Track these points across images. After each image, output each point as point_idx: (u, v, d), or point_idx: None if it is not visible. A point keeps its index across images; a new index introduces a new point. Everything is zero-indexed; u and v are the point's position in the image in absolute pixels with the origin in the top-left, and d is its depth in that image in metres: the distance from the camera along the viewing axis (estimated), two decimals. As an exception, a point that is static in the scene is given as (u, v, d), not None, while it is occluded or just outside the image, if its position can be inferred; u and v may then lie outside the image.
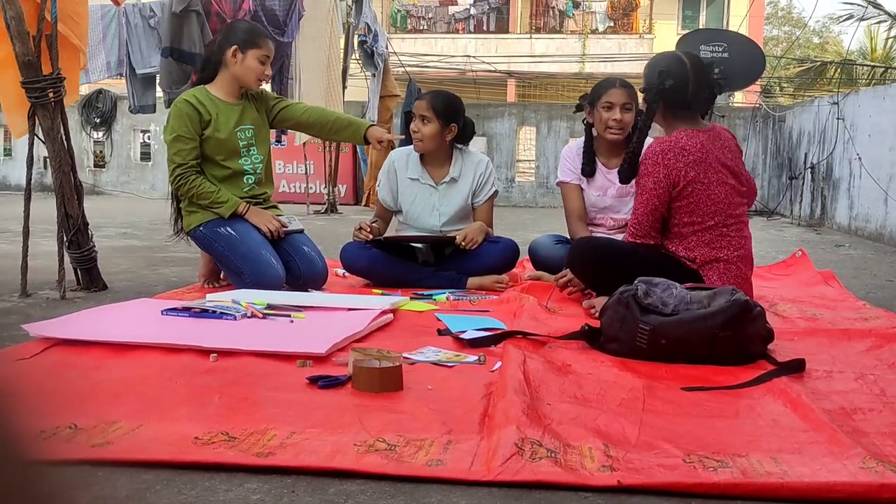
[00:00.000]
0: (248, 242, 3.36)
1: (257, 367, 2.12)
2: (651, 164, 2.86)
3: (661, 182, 2.84)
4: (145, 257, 5.02)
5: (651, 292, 2.39)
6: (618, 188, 3.68)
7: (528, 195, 13.13)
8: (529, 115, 13.33)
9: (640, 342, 2.30)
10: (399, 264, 3.64)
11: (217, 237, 3.40)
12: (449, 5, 19.43)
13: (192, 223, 3.47)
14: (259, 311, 2.74)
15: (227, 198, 3.42)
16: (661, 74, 2.93)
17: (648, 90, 2.93)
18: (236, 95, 3.55)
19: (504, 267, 3.70)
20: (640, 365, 2.24)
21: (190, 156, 3.40)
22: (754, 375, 2.10)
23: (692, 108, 2.95)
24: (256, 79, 3.49)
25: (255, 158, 3.54)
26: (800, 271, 4.31)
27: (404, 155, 3.80)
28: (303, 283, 3.45)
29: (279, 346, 2.27)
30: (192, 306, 2.76)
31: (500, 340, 2.43)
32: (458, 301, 3.29)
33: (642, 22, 18.87)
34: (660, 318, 2.32)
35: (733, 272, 2.87)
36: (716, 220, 2.86)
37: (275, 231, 3.45)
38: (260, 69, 3.47)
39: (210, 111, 3.44)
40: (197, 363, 2.16)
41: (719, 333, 2.26)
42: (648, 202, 2.87)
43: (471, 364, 2.21)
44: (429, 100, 3.66)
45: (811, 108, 10.18)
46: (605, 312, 2.45)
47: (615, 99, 3.55)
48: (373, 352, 2.04)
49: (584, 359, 2.30)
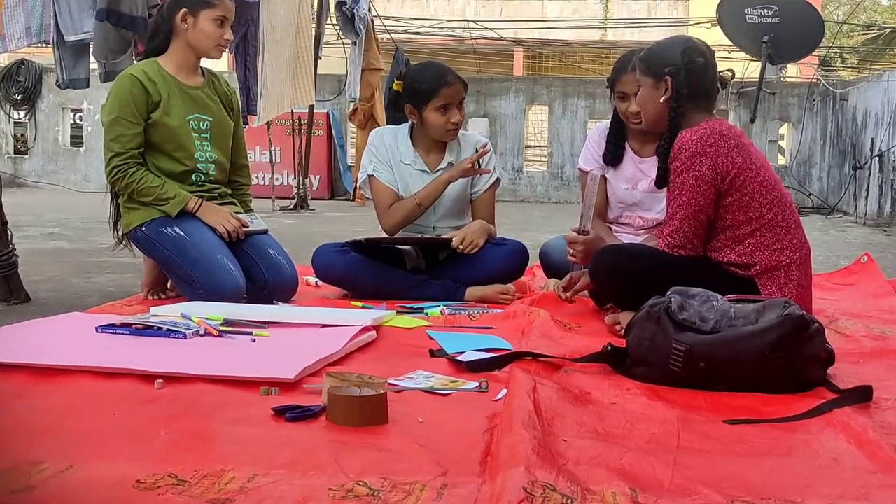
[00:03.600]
0: (200, 245, 3.36)
1: (212, 395, 2.12)
2: (689, 157, 2.85)
3: (706, 176, 2.84)
4: (76, 263, 5.01)
5: (687, 305, 2.40)
6: (651, 181, 3.68)
7: (539, 188, 13.15)
8: (540, 91, 13.36)
9: (673, 365, 2.31)
10: (383, 271, 3.64)
11: (163, 239, 3.40)
12: (444, -41, 19.49)
13: (132, 222, 3.47)
14: (214, 328, 2.73)
15: (175, 192, 3.42)
16: (686, 52, 2.94)
17: (676, 73, 2.93)
18: (194, 70, 3.56)
19: (510, 274, 3.71)
20: (673, 393, 2.24)
21: (131, 143, 3.40)
22: (811, 406, 2.11)
23: (710, 98, 2.98)
24: (215, 45, 3.50)
25: (207, 155, 3.55)
26: (865, 280, 4.32)
27: (393, 134, 3.82)
28: (267, 293, 3.45)
29: (238, 371, 2.27)
30: (133, 322, 2.75)
31: (505, 363, 2.43)
32: (455, 316, 3.29)
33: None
34: (698, 336, 2.32)
35: (795, 279, 2.89)
36: (774, 213, 2.89)
37: (233, 231, 3.45)
38: (217, 33, 3.47)
39: (161, 91, 3.45)
40: (139, 391, 2.15)
41: (769, 355, 2.26)
42: (691, 203, 2.86)
43: (470, 392, 2.21)
44: (463, 84, 3.71)
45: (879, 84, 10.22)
46: (632, 330, 2.46)
47: (628, 88, 3.52)
48: (352, 377, 2.04)
49: (607, 385, 2.30)
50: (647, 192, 3.71)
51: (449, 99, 3.63)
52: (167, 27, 3.50)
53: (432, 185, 3.67)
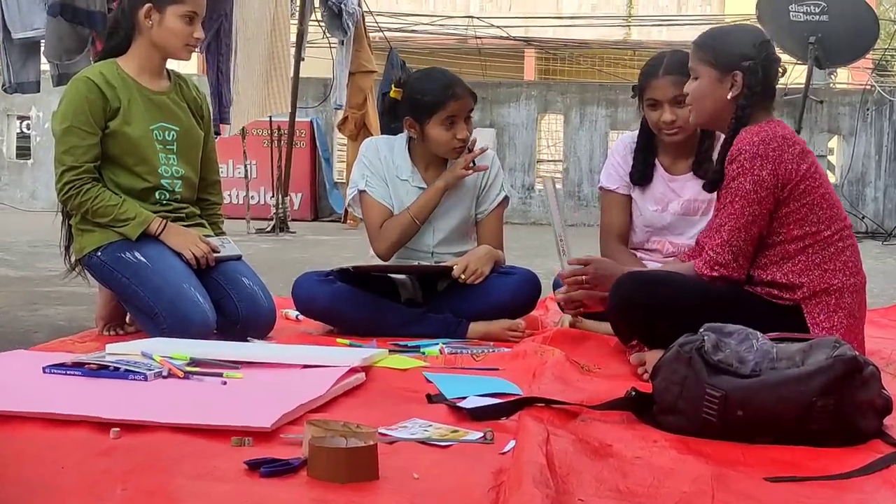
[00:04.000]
0: (164, 273, 3.36)
1: (176, 446, 2.11)
2: (749, 160, 2.87)
3: (766, 182, 2.86)
4: (23, 293, 5.01)
5: (723, 344, 2.39)
6: (683, 202, 3.70)
7: (554, 209, 13.17)
8: (555, 98, 13.43)
9: (707, 414, 2.30)
10: (374, 304, 3.64)
11: (121, 265, 3.40)
12: (445, -53, 19.63)
13: (86, 246, 3.48)
14: (179, 369, 2.73)
15: (135, 213, 3.43)
16: (762, 45, 2.97)
17: (751, 69, 2.95)
18: (159, 73, 3.58)
19: (520, 308, 3.71)
20: (707, 445, 2.23)
21: (86, 156, 3.41)
22: (865, 461, 2.10)
23: (774, 97, 3.02)
24: (184, 45, 3.52)
25: (173, 169, 3.56)
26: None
27: (388, 146, 3.83)
28: (241, 328, 3.45)
29: (206, 418, 2.26)
30: (87, 362, 2.74)
31: (513, 410, 2.42)
32: (456, 355, 3.29)
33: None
34: (735, 380, 2.31)
35: (846, 307, 2.90)
36: (832, 230, 2.92)
37: (202, 257, 3.46)
38: (186, 31, 3.49)
39: (121, 96, 3.46)
40: (93, 440, 2.14)
41: (817, 402, 2.26)
42: (744, 211, 2.88)
43: (473, 443, 2.20)
44: (472, 95, 3.75)
45: (942, 91, 10.25)
46: (660, 373, 2.45)
47: (661, 94, 3.55)
48: (337, 426, 2.03)
49: (631, 437, 2.29)
50: (679, 214, 3.72)
51: (455, 112, 3.64)
52: (128, 24, 3.52)
53: (425, 196, 3.68)
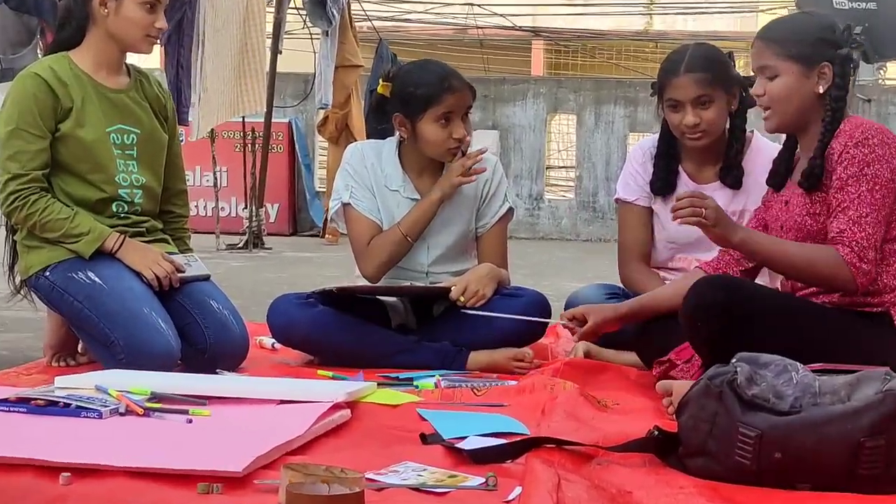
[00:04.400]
0: (121, 295, 3.37)
1: (134, 493, 2.10)
2: (880, 145, 2.93)
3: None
4: (-40, 318, 5.00)
5: (758, 377, 2.39)
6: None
7: (565, 222, 13.21)
8: (566, 96, 13.47)
9: (741, 456, 2.30)
10: (361, 330, 3.65)
11: (72, 287, 3.40)
12: (442, -75, 19.69)
13: (32, 265, 3.48)
14: (138, 405, 2.72)
15: (88, 227, 3.43)
16: (846, 31, 3.02)
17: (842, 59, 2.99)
18: (117, 68, 3.59)
19: (527, 335, 3.72)
20: (740, 492, 2.23)
21: (33, 162, 3.42)
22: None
23: None
24: (144, 35, 3.53)
25: (133, 178, 3.56)
26: None
27: (376, 152, 3.84)
28: (209, 358, 3.45)
29: (170, 461, 2.25)
30: (33, 397, 2.74)
31: (520, 452, 2.42)
32: (455, 389, 3.29)
33: (743, -47, 19.13)
34: (772, 417, 2.31)
35: None
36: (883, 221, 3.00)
37: (164, 277, 3.46)
38: (146, 20, 3.50)
39: (73, 95, 3.47)
40: (40, 487, 2.13)
41: (866, 443, 2.25)
42: (884, 203, 2.94)
43: (474, 489, 2.20)
44: (471, 90, 3.76)
45: None
46: (687, 409, 2.45)
47: (681, 94, 3.57)
48: (318, 470, 2.03)
49: (654, 482, 2.30)
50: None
51: (452, 108, 3.65)
52: (82, 13, 3.53)
53: (419, 209, 3.68)
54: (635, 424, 2.72)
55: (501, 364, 3.59)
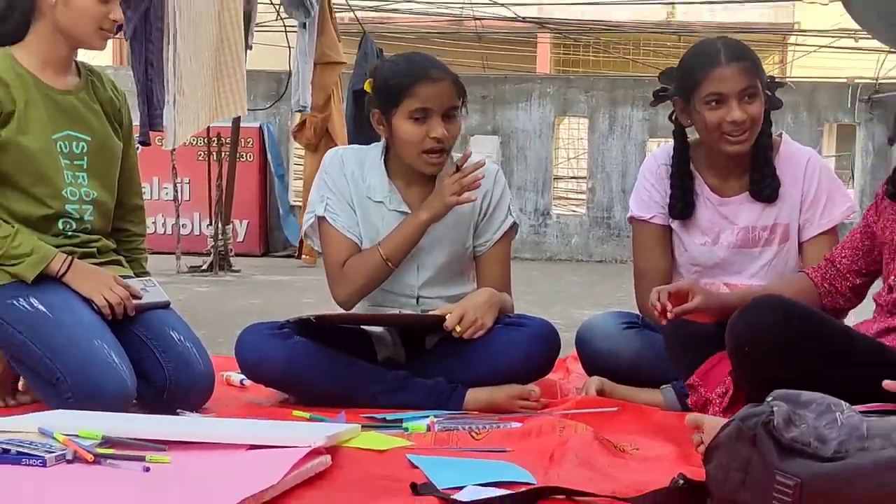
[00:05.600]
0: (68, 326, 3.36)
1: (83, 553, 2.11)
2: None
3: None
4: None
5: (797, 418, 2.39)
6: (740, 231, 3.72)
7: (576, 240, 13.25)
8: (577, 97, 13.52)
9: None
10: (343, 365, 3.64)
11: (12, 316, 3.39)
12: None
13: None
14: (88, 451, 2.70)
15: (32, 246, 3.42)
16: None
17: None
18: (65, 67, 3.59)
19: (533, 370, 3.72)
20: (777, 550, 2.22)
21: None
22: None
23: None
24: (97, 29, 3.53)
25: (82, 191, 3.56)
26: None
27: (357, 159, 3.83)
28: (168, 397, 3.45)
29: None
30: (-33, 441, 2.73)
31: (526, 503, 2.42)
32: (451, 432, 3.28)
33: (777, -65, 19.24)
34: (814, 464, 2.31)
35: None
36: None
37: (118, 304, 3.45)
38: (99, 11, 3.50)
39: (16, 96, 3.46)
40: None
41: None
42: None
43: (472, 548, 2.20)
44: (451, 78, 3.70)
45: None
46: (716, 455, 2.45)
47: (727, 86, 3.54)
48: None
49: (679, 539, 2.29)
50: (735, 247, 3.75)
51: (429, 101, 3.61)
52: (26, 3, 3.53)
53: (403, 230, 3.65)
54: (657, 473, 2.72)
55: (503, 403, 3.58)
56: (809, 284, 3.35)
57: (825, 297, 3.34)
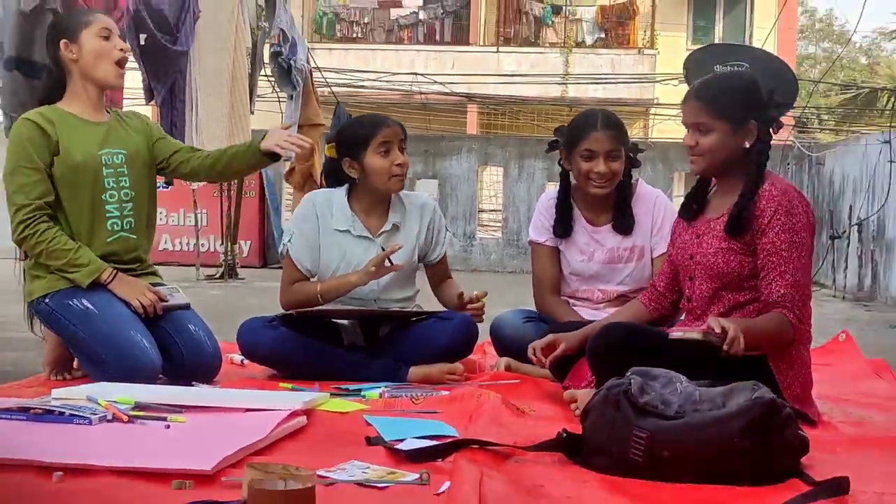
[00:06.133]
0: (111, 320, 3.32)
1: (118, 489, 2.08)
2: (804, 213, 2.96)
3: (812, 239, 2.98)
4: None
5: (648, 387, 2.41)
6: (608, 250, 3.74)
7: (494, 256, 13.26)
8: (495, 151, 13.55)
9: (634, 454, 2.31)
10: (317, 348, 3.61)
11: (68, 313, 3.35)
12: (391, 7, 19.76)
13: (34, 292, 3.43)
14: (123, 413, 2.68)
15: (88, 260, 3.38)
16: (771, 93, 3.05)
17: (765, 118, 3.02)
18: (97, 107, 3.52)
19: (457, 352, 3.70)
20: (635, 485, 2.24)
21: (35, 191, 3.36)
22: (784, 499, 2.11)
23: None
24: (112, 62, 3.45)
25: (123, 195, 3.50)
26: (843, 360, 4.38)
27: (326, 199, 3.80)
28: (186, 373, 3.41)
29: (149, 461, 2.22)
30: (32, 406, 2.70)
31: (449, 452, 2.41)
32: (396, 399, 3.27)
33: (641, 33, 19.38)
34: (660, 422, 2.33)
35: (804, 358, 3.04)
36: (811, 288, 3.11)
37: (149, 305, 3.41)
38: (107, 47, 3.44)
39: (60, 129, 3.40)
40: (35, 485, 2.09)
41: (738, 443, 2.27)
42: (807, 266, 2.96)
43: (409, 484, 2.19)
44: (401, 125, 3.74)
45: (857, 147, 10.51)
46: (589, 415, 2.46)
47: (598, 146, 3.59)
48: (276, 468, 2.01)
49: (562, 477, 2.29)
50: (605, 263, 3.77)
51: (389, 138, 3.64)
52: (57, 68, 3.49)
53: (339, 283, 3.64)
54: (548, 428, 2.71)
55: (436, 377, 3.57)
56: (641, 307, 3.34)
57: (653, 313, 3.31)
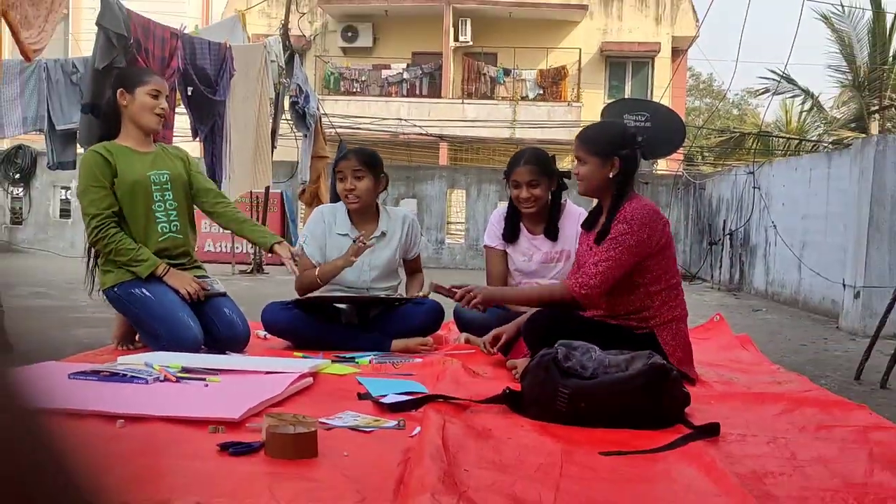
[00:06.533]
0: (164, 304, 3.28)
1: (167, 433, 2.05)
2: (638, 224, 2.91)
3: (644, 243, 2.92)
4: (58, 318, 4.84)
5: (571, 355, 2.41)
6: (544, 253, 3.74)
7: (458, 257, 13.22)
8: (460, 178, 13.53)
9: (559, 406, 2.31)
10: (321, 325, 3.59)
11: (132, 299, 3.31)
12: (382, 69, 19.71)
13: (105, 283, 3.38)
14: (172, 375, 2.66)
15: (147, 257, 3.34)
16: (629, 137, 3.05)
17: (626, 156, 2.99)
18: (145, 143, 3.47)
19: (428, 329, 3.69)
20: (559, 429, 2.24)
21: (104, 203, 3.31)
22: (671, 439, 2.12)
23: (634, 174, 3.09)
24: (153, 113, 3.41)
25: (169, 205, 3.45)
26: (718, 335, 4.41)
27: (332, 210, 3.81)
28: (222, 345, 3.37)
29: (191, 412, 2.20)
30: (102, 369, 2.66)
31: (420, 404, 2.40)
32: (381, 364, 3.25)
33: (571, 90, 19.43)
34: (579, 381, 2.33)
35: (683, 332, 3.04)
36: (676, 279, 3.05)
37: (193, 293, 3.37)
38: (153, 103, 3.41)
39: (117, 157, 3.36)
40: (102, 429, 2.06)
41: (638, 397, 2.28)
42: (621, 259, 2.90)
43: (390, 429, 2.18)
44: (357, 157, 3.69)
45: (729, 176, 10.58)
46: (526, 376, 2.46)
47: (520, 178, 3.62)
48: (288, 416, 1.99)
49: (505, 423, 2.29)
50: (541, 262, 3.75)
51: (342, 169, 3.68)
52: (113, 110, 3.44)
53: (331, 267, 3.59)
54: (496, 386, 2.70)
55: (412, 348, 3.56)
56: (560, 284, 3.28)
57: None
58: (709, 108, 32.31)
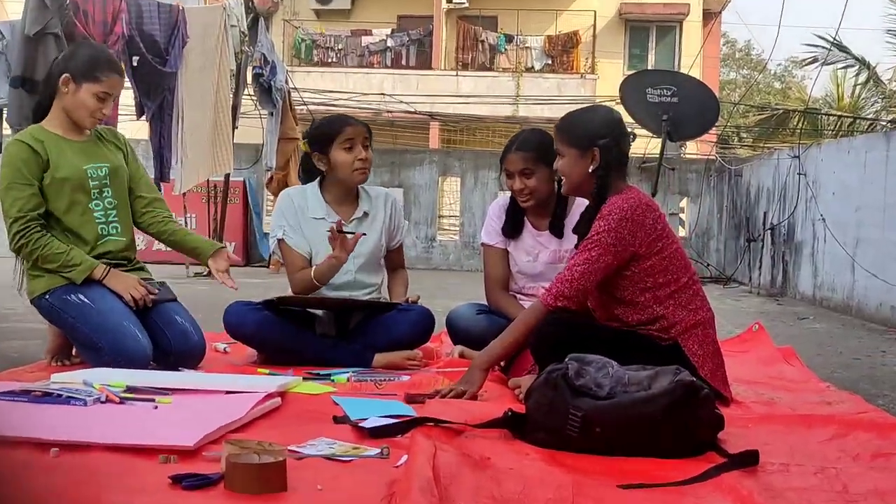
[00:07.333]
0: (105, 312, 3.28)
1: (110, 463, 2.05)
2: (617, 221, 2.92)
3: (625, 240, 2.93)
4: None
5: (584, 371, 2.42)
6: (551, 252, 3.73)
7: (452, 256, 13.25)
8: (454, 163, 13.55)
9: (570, 430, 2.32)
10: (293, 334, 3.59)
11: (67, 307, 3.31)
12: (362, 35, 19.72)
13: (35, 290, 3.38)
14: (115, 395, 2.66)
15: (81, 260, 3.34)
16: (611, 125, 3.06)
17: (604, 146, 3.00)
18: (77, 131, 3.47)
19: (417, 340, 3.69)
20: (570, 458, 2.25)
21: (29, 204, 3.32)
22: (701, 469, 2.13)
23: (627, 164, 3.10)
24: (89, 116, 3.41)
25: (108, 203, 3.46)
26: (756, 347, 4.43)
27: (301, 192, 3.81)
28: (174, 360, 3.37)
29: (138, 438, 2.20)
30: (33, 389, 2.66)
31: (407, 429, 2.41)
32: (362, 382, 3.26)
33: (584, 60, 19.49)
34: (593, 401, 2.34)
35: (710, 337, 3.06)
36: (687, 277, 3.05)
37: (140, 298, 3.38)
38: (94, 106, 3.39)
39: (49, 148, 3.36)
40: (34, 460, 2.06)
41: (662, 420, 2.30)
42: (599, 259, 2.91)
43: (371, 458, 2.18)
44: (363, 123, 3.73)
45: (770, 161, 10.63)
46: (532, 396, 2.47)
47: (511, 166, 3.61)
48: (252, 444, 2.00)
49: (506, 450, 2.30)
50: (549, 263, 3.73)
51: (353, 135, 3.64)
52: (51, 89, 3.44)
53: (327, 265, 3.58)
54: (495, 408, 2.70)
55: (398, 363, 3.56)
56: None
57: None
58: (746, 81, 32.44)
